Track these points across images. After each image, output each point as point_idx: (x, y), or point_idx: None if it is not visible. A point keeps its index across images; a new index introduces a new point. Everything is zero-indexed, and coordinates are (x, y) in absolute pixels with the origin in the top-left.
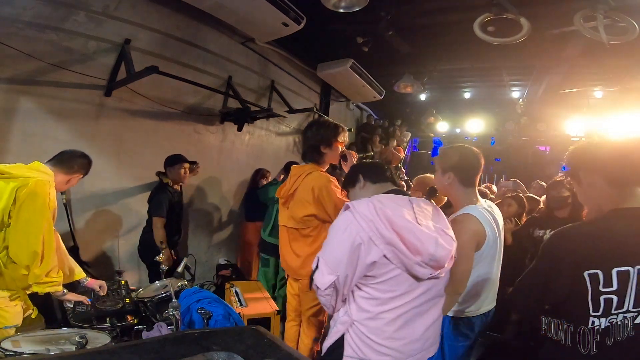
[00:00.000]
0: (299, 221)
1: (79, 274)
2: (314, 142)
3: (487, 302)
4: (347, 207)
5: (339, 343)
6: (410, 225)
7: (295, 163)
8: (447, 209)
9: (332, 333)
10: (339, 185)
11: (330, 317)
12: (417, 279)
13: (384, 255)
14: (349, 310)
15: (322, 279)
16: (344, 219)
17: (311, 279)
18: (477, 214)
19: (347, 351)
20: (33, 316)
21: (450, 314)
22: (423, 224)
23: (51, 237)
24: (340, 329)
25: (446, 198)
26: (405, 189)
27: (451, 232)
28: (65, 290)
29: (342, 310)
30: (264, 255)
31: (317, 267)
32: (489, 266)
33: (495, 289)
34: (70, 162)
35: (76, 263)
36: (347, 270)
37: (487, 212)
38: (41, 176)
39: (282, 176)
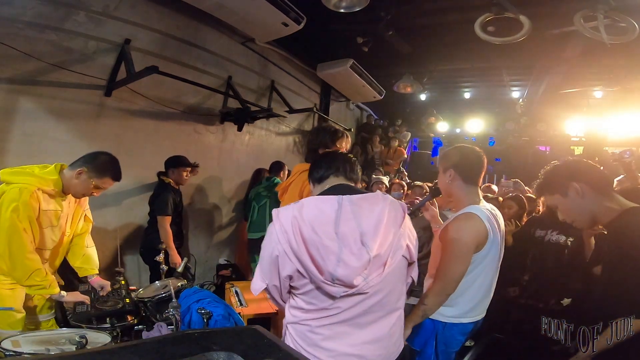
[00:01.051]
0: None
1: (92, 269)
2: (313, 145)
3: (481, 309)
4: (275, 214)
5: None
6: (317, 239)
7: (279, 163)
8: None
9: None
10: None
11: None
12: (332, 297)
13: (297, 270)
14: (286, 312)
15: (254, 285)
16: (269, 228)
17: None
18: (479, 213)
19: None
20: (38, 302)
21: (442, 319)
22: (340, 232)
23: (21, 241)
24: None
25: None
26: (404, 190)
27: (382, 237)
28: (63, 293)
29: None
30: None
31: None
32: (488, 270)
33: (489, 296)
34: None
35: (95, 257)
36: (273, 280)
37: (490, 213)
38: (28, 181)
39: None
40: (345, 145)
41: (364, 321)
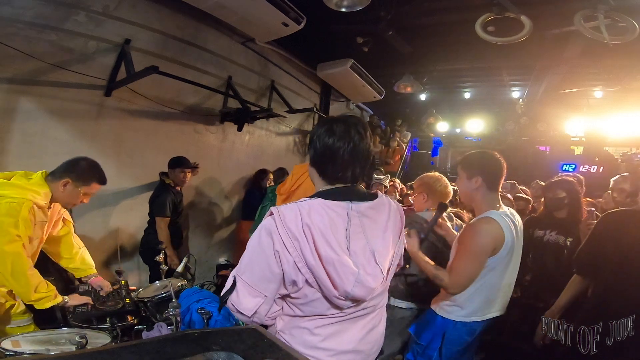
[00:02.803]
0: None
1: (90, 269)
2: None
3: (495, 309)
4: (272, 213)
5: None
6: (334, 256)
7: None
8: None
9: None
10: None
11: None
12: (337, 307)
13: (306, 280)
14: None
15: (245, 304)
16: (264, 230)
17: (223, 299)
18: (498, 218)
19: None
20: (16, 310)
21: (453, 317)
22: (351, 250)
23: (22, 259)
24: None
25: None
26: (401, 192)
27: (390, 251)
28: (67, 299)
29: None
30: None
31: (233, 286)
32: (502, 273)
33: (507, 297)
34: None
35: (88, 256)
36: (267, 293)
37: (509, 219)
38: (23, 195)
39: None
40: None
41: (357, 315)
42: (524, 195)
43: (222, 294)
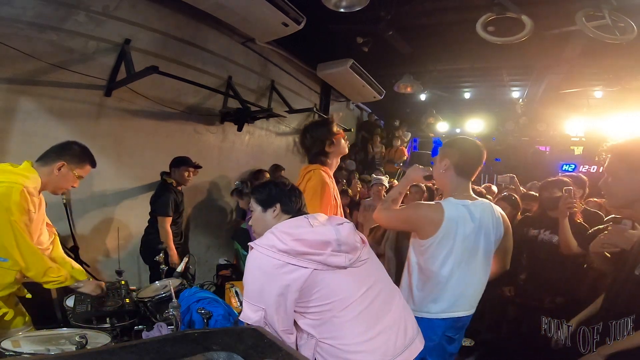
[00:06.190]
0: None
1: (80, 275)
2: (317, 147)
3: (456, 307)
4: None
5: None
6: (308, 229)
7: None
8: None
9: None
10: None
11: None
12: (342, 268)
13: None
14: (305, 333)
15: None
16: (258, 269)
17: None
18: (446, 205)
19: None
20: (7, 318)
21: (430, 316)
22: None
23: (27, 241)
24: (307, 355)
25: None
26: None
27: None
28: (81, 284)
29: (297, 335)
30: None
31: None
32: (467, 264)
33: (471, 295)
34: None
35: (76, 264)
36: (282, 309)
37: (466, 210)
38: (13, 179)
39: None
40: (337, 126)
41: (384, 301)
42: (534, 193)
43: None
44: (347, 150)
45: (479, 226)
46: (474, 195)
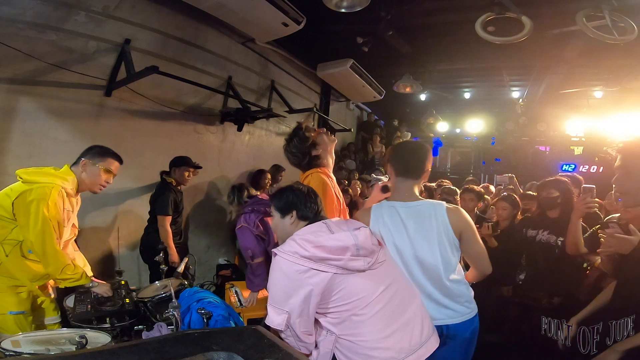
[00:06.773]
0: None
1: (87, 279)
2: (304, 158)
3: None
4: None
5: None
6: (327, 236)
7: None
8: None
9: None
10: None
11: None
12: (361, 271)
13: (335, 273)
14: (325, 330)
15: (274, 320)
16: (285, 274)
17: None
18: (375, 207)
19: None
20: (44, 306)
21: None
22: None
23: (53, 239)
24: (327, 350)
25: None
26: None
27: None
28: (95, 283)
29: (318, 334)
30: None
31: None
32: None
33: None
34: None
35: (88, 266)
36: (304, 313)
37: (392, 209)
38: (53, 180)
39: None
40: (312, 128)
41: (404, 299)
42: (532, 193)
43: None
44: (335, 140)
45: (404, 226)
46: (418, 196)
